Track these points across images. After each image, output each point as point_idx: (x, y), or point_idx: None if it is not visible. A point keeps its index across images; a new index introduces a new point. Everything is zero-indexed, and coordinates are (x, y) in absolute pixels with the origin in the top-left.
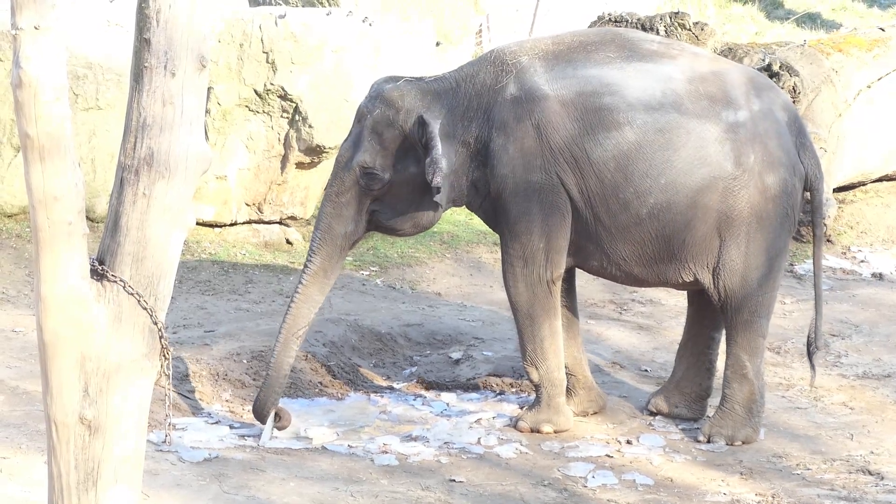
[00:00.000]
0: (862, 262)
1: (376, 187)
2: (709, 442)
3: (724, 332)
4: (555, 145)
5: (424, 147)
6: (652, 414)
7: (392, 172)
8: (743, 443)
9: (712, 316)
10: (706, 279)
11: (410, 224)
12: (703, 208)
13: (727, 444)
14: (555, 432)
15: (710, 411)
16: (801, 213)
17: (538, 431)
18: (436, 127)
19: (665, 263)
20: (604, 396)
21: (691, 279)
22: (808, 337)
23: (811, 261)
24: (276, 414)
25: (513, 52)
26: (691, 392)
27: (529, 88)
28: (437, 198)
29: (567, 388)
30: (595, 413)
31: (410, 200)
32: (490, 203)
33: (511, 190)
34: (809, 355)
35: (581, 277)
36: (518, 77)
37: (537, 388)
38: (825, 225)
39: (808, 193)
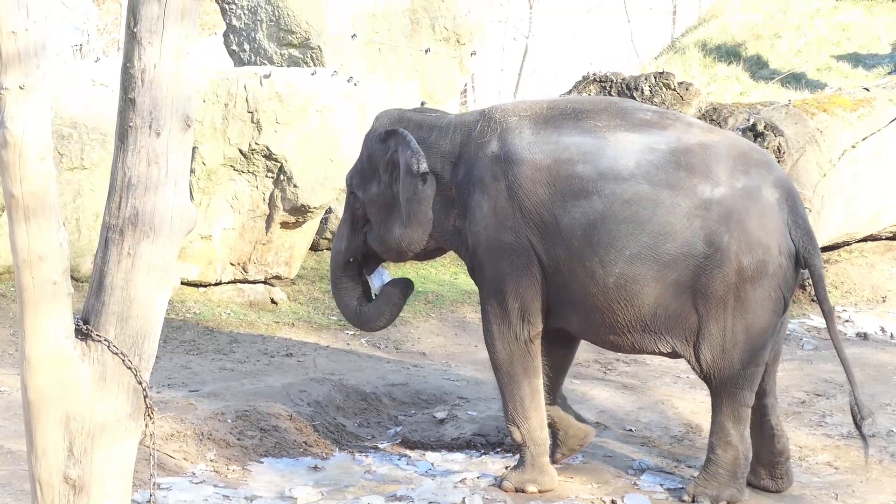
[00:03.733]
0: (847, 321)
1: (357, 206)
2: (693, 502)
3: (774, 396)
4: (525, 209)
5: (394, 153)
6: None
7: (363, 191)
8: (728, 503)
9: (759, 385)
10: (686, 352)
11: (386, 247)
12: (673, 284)
13: (711, 503)
14: (539, 492)
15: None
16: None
17: (523, 491)
18: (408, 136)
19: (639, 333)
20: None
21: (669, 350)
22: (852, 409)
23: (795, 320)
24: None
25: (505, 111)
26: (766, 461)
27: (508, 149)
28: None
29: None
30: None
31: (379, 221)
32: (469, 257)
33: (484, 247)
34: (858, 428)
35: None
36: (501, 136)
37: (520, 448)
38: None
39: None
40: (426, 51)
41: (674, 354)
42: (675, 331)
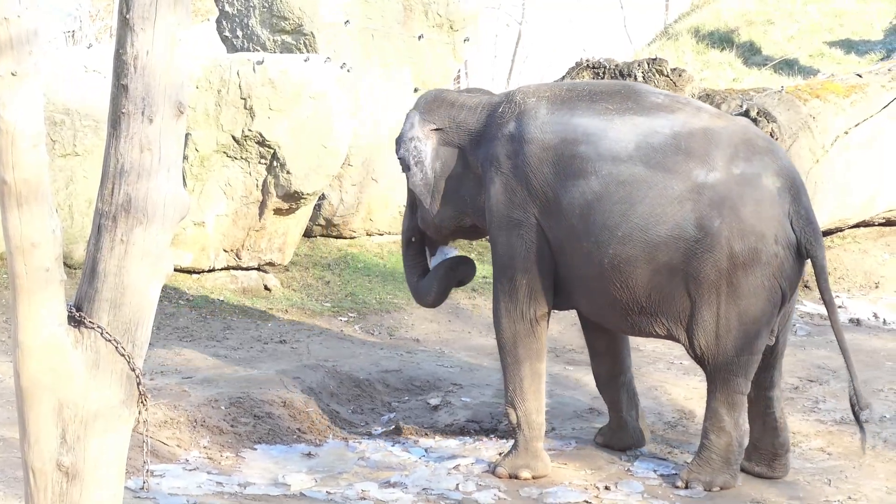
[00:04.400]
0: (839, 307)
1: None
2: (687, 488)
3: (779, 387)
4: (532, 187)
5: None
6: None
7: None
8: (721, 488)
9: (766, 376)
10: (681, 336)
11: (426, 225)
12: (665, 266)
13: (705, 490)
14: (533, 478)
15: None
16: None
17: (516, 477)
18: (416, 118)
19: (636, 315)
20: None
21: (665, 333)
22: (850, 399)
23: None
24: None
25: (526, 92)
26: (767, 451)
27: (522, 129)
28: (413, 185)
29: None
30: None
31: (419, 201)
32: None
33: (496, 224)
34: (856, 417)
35: (560, 323)
36: (519, 116)
37: (515, 431)
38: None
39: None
40: (419, 37)
41: (670, 337)
42: (670, 313)
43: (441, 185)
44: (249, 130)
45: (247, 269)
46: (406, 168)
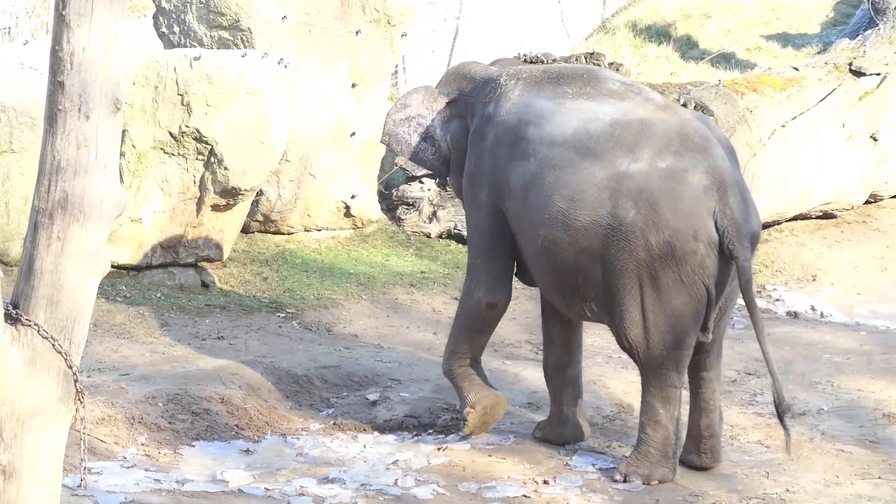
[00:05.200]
0: (777, 300)
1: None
2: (625, 481)
3: (715, 371)
4: (494, 167)
5: None
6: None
7: None
8: (660, 482)
9: (699, 359)
10: (612, 327)
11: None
12: (587, 251)
13: (643, 484)
14: (478, 407)
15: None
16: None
17: (473, 409)
18: (418, 96)
19: (573, 297)
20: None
21: (595, 318)
22: (774, 401)
23: None
24: None
25: (509, 74)
26: (694, 434)
27: (495, 111)
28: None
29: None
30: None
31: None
32: None
33: (468, 202)
34: (781, 420)
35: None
36: (497, 98)
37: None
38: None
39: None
40: (357, 32)
41: (601, 322)
42: (598, 301)
43: (456, 157)
44: (187, 127)
45: (184, 265)
46: (409, 151)
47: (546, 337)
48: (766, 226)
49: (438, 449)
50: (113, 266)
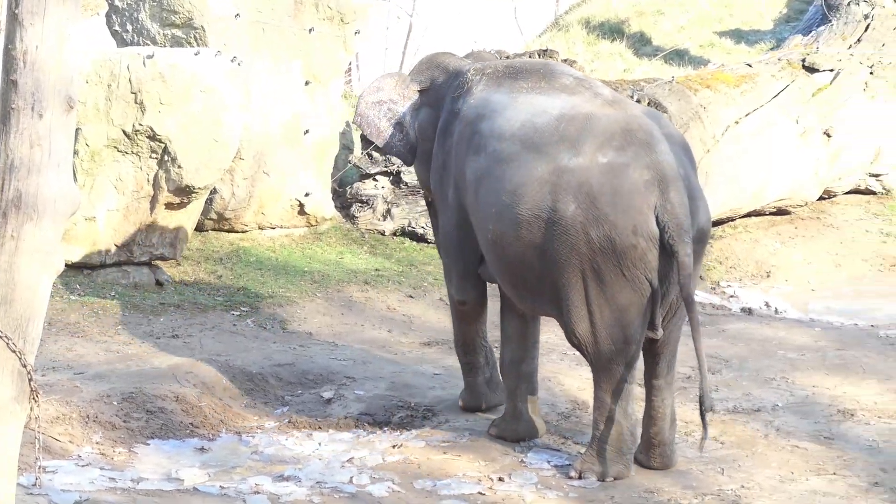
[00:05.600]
0: (731, 297)
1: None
2: (580, 478)
3: (666, 378)
4: (456, 163)
5: None
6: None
7: None
8: (615, 478)
9: (651, 364)
10: (561, 321)
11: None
12: (531, 246)
13: (599, 481)
14: (471, 409)
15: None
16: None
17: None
18: (390, 80)
19: (523, 292)
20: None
21: (545, 313)
22: (700, 398)
23: None
24: None
25: (476, 69)
26: (644, 439)
27: (460, 106)
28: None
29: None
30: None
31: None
32: None
33: (437, 199)
34: (702, 418)
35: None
36: (464, 93)
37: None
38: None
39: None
40: (310, 30)
41: (552, 316)
42: (546, 296)
43: (422, 147)
44: (140, 125)
45: (138, 264)
46: (378, 135)
47: (503, 332)
48: (720, 222)
49: (393, 446)
50: (67, 265)
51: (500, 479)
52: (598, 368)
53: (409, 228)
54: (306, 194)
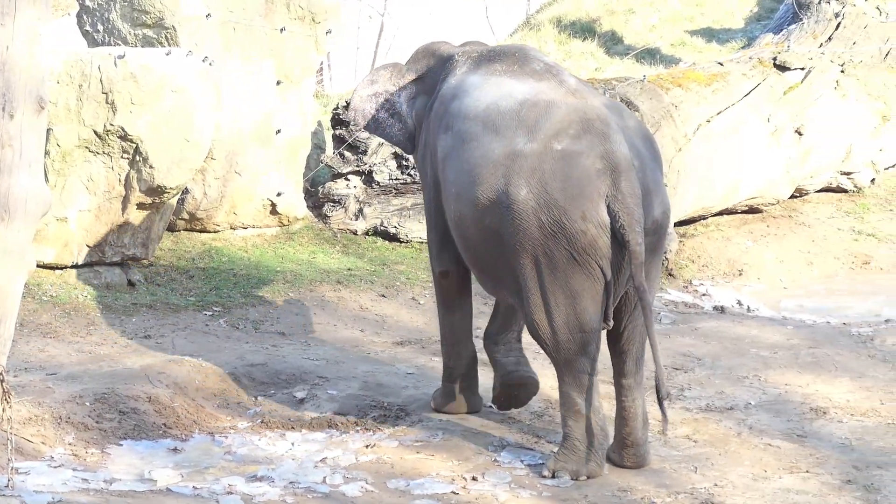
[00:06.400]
0: (703, 295)
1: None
2: (553, 477)
3: (635, 378)
4: (431, 139)
5: None
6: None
7: None
8: (588, 477)
9: (618, 363)
10: (521, 310)
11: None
12: (488, 229)
13: (572, 479)
14: (448, 412)
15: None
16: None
17: (437, 411)
18: (385, 72)
19: (488, 277)
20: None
21: (505, 299)
22: (655, 387)
23: None
24: None
25: (463, 52)
26: (618, 438)
27: (443, 89)
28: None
29: None
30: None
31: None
32: None
33: (421, 178)
34: (660, 404)
35: (426, 314)
36: (450, 75)
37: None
38: (643, 271)
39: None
40: (281, 30)
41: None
42: (505, 280)
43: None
44: (111, 125)
45: (110, 264)
46: (377, 127)
47: (494, 308)
48: (692, 221)
49: (367, 446)
50: (39, 265)
51: (474, 479)
52: (558, 361)
53: (382, 228)
54: (278, 194)
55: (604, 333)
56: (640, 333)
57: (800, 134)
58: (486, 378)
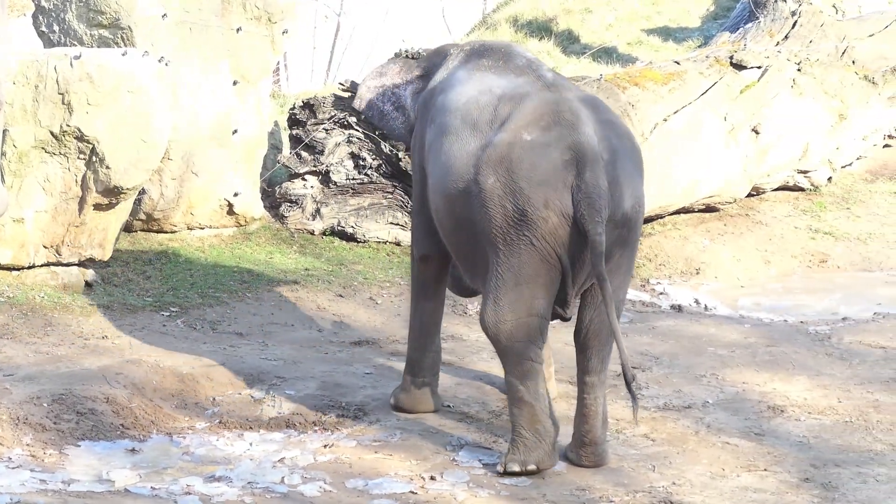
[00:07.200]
0: (661, 294)
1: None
2: (505, 471)
3: (599, 376)
4: (420, 130)
5: None
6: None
7: None
8: (536, 466)
9: (582, 359)
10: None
11: None
12: (461, 219)
13: (520, 469)
14: (402, 410)
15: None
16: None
17: (395, 408)
18: (392, 66)
19: (468, 269)
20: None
21: (481, 288)
22: (622, 370)
23: None
24: None
25: (458, 46)
26: (576, 436)
27: (434, 82)
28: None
29: None
30: None
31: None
32: None
33: (412, 166)
34: (628, 387)
35: (383, 314)
36: (442, 69)
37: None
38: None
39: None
40: (238, 30)
41: None
42: (480, 269)
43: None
44: (68, 126)
45: (67, 264)
46: (381, 118)
47: None
48: (649, 220)
49: (325, 446)
50: None
51: (432, 478)
52: (500, 350)
53: (339, 228)
54: (235, 194)
55: (571, 330)
56: (606, 330)
57: (757, 132)
58: (445, 378)
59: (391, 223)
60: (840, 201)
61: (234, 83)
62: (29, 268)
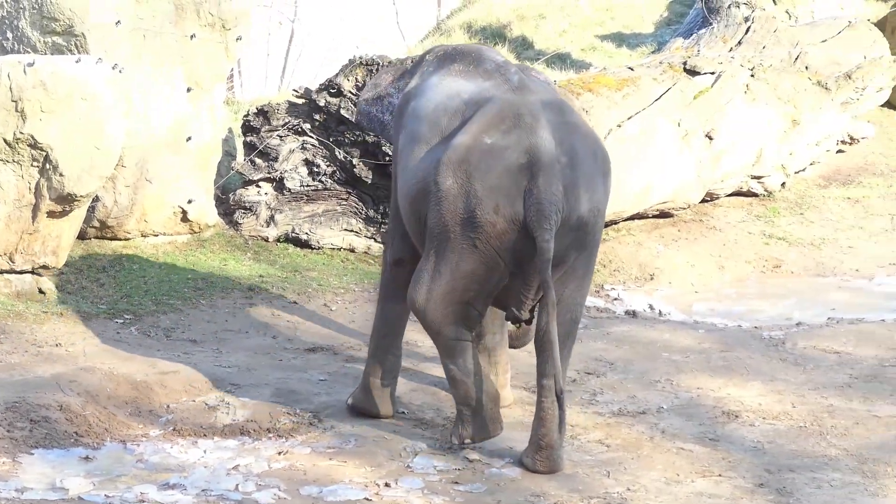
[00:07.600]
0: (615, 299)
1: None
2: (450, 449)
3: (553, 380)
4: (395, 137)
5: None
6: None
7: None
8: (472, 440)
9: (540, 362)
10: None
11: None
12: (420, 220)
13: (458, 442)
14: (360, 411)
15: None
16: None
17: (355, 410)
18: (385, 76)
19: None
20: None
21: None
22: (554, 381)
23: None
24: None
25: (433, 51)
26: (533, 440)
27: (409, 87)
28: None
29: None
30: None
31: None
32: None
33: (393, 173)
34: (558, 398)
35: (338, 320)
36: (416, 75)
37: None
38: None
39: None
40: (192, 36)
41: None
42: None
43: None
44: (21, 133)
45: (20, 272)
46: (381, 129)
47: None
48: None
49: (279, 453)
50: None
51: (387, 485)
52: (433, 334)
53: (293, 235)
54: (189, 201)
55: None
56: (564, 334)
57: (710, 138)
58: (400, 384)
59: (345, 230)
60: (794, 207)
61: (189, 90)
62: None
